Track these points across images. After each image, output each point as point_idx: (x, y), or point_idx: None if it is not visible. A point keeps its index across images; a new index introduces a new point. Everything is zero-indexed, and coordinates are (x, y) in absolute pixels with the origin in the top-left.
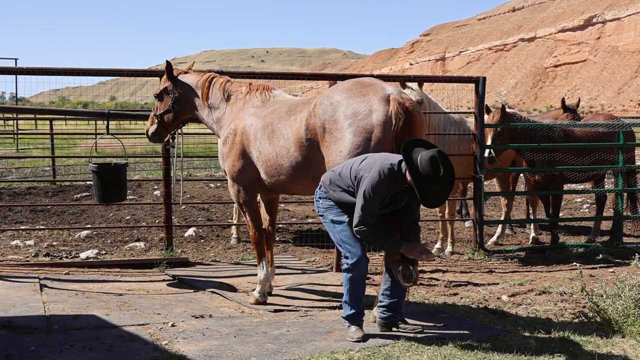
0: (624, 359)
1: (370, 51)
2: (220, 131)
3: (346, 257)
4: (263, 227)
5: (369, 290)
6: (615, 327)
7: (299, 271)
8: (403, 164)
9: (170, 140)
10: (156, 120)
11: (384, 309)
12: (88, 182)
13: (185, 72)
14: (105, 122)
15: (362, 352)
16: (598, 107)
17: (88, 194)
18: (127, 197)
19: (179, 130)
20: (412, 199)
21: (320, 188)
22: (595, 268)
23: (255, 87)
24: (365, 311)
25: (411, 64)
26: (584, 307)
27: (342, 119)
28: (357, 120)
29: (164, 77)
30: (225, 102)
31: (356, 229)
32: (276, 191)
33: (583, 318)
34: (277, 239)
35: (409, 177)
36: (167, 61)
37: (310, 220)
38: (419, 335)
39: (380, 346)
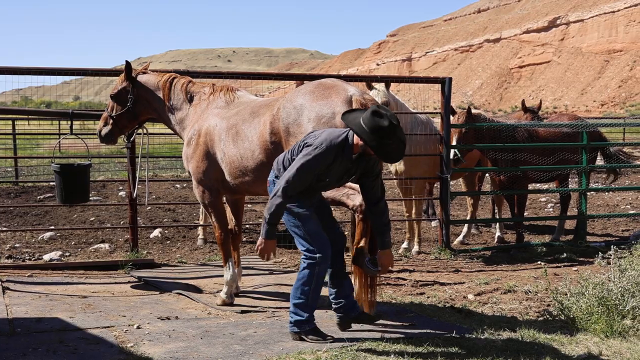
0: (588, 356)
1: (337, 51)
2: (183, 132)
3: (310, 251)
4: (229, 227)
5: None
6: (579, 325)
7: (266, 272)
8: (350, 132)
9: (126, 141)
10: (110, 121)
11: (339, 307)
12: (51, 183)
13: (144, 73)
14: (69, 122)
15: (329, 352)
16: (562, 107)
17: (51, 194)
18: (91, 198)
19: (144, 130)
20: (365, 172)
21: (272, 170)
22: (560, 267)
23: (219, 88)
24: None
25: (378, 65)
26: (548, 305)
27: (305, 123)
28: (320, 124)
29: (121, 77)
30: (187, 103)
31: (276, 194)
32: (241, 192)
33: (548, 316)
34: (243, 239)
35: (357, 140)
36: (126, 61)
37: None
38: (386, 335)
39: (347, 346)
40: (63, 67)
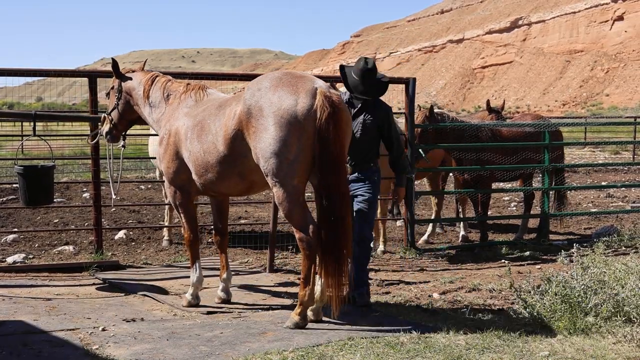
0: (552, 353)
1: (302, 52)
2: (160, 132)
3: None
4: (213, 227)
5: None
6: (543, 323)
7: (232, 272)
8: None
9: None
10: (108, 120)
11: None
12: (14, 185)
13: (134, 71)
14: (32, 124)
15: (295, 352)
16: (524, 107)
17: (14, 197)
18: (55, 200)
19: None
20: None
21: None
22: (523, 265)
23: (191, 87)
24: None
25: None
26: (512, 303)
27: (267, 107)
28: (281, 110)
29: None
30: (165, 101)
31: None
32: (207, 193)
33: (512, 314)
34: (209, 240)
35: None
36: (113, 59)
37: (243, 222)
38: (352, 334)
39: (313, 346)
40: (25, 68)
